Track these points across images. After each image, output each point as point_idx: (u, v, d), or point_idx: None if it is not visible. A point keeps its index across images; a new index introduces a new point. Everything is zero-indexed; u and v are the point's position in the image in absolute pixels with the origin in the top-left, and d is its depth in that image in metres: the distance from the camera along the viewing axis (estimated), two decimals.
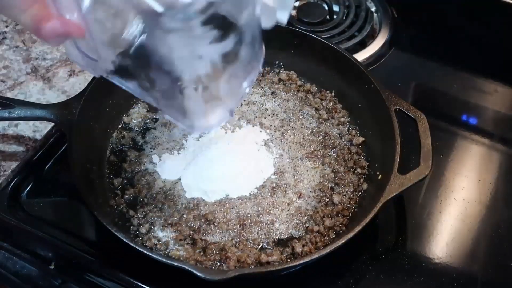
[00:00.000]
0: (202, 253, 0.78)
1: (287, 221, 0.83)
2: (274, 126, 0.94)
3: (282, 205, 0.84)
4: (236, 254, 0.78)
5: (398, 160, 0.80)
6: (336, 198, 0.85)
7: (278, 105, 0.97)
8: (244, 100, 0.97)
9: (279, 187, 0.86)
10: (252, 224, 0.82)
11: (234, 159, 0.89)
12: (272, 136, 0.93)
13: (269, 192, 0.86)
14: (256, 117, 0.95)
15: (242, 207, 0.84)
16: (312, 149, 0.91)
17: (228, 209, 0.83)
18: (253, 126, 0.94)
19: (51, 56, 1.04)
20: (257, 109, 0.97)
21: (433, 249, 0.83)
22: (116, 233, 0.71)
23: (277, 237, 0.81)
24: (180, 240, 0.79)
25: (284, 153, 0.91)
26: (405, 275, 0.80)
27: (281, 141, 0.92)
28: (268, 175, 0.88)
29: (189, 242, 0.80)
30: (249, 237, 0.81)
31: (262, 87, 1.00)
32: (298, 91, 1.00)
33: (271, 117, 0.95)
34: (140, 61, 0.57)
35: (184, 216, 0.82)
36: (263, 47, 0.66)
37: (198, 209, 0.83)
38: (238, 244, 0.80)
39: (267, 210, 0.83)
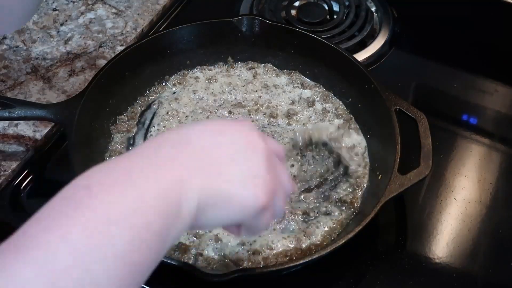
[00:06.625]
0: None
1: (287, 221, 0.82)
2: (273, 127, 0.94)
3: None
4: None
5: (398, 160, 0.79)
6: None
7: (277, 105, 0.97)
8: (244, 102, 0.97)
9: None
10: None
11: None
12: (271, 135, 0.93)
13: None
14: (254, 117, 0.95)
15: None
16: (311, 149, 0.91)
17: None
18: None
19: (51, 56, 1.04)
20: (256, 109, 0.96)
21: (433, 249, 0.83)
22: None
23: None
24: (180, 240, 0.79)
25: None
26: (405, 275, 0.80)
27: (280, 140, 0.92)
28: None
29: None
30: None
31: (262, 88, 0.99)
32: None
33: (270, 117, 0.95)
34: None
35: None
36: None
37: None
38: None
39: None
